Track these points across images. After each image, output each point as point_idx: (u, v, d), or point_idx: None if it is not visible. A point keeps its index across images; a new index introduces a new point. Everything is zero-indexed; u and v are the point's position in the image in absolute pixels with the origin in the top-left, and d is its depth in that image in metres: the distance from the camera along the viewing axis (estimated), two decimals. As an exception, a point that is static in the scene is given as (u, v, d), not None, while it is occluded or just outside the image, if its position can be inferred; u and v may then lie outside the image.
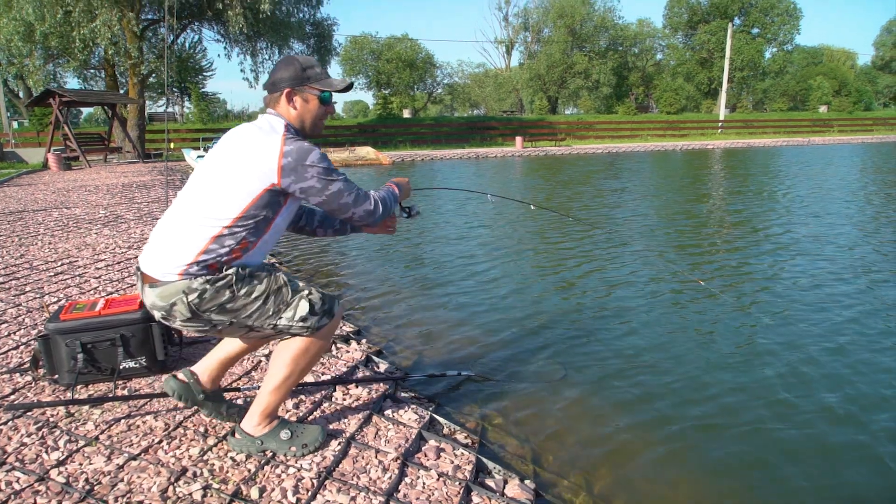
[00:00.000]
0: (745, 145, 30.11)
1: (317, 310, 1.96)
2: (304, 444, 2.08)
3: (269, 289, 1.93)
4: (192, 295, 1.84)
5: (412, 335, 3.82)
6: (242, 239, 1.88)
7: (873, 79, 56.80)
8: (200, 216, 1.85)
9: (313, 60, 2.01)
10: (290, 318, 1.94)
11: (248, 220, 1.86)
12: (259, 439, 2.07)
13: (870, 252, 5.85)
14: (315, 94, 1.98)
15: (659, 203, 10.15)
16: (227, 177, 1.85)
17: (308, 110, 1.99)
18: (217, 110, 40.85)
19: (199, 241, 1.84)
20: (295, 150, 1.84)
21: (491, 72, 50.91)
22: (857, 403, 2.82)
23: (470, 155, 24.88)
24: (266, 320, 1.93)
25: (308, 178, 1.85)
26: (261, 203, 1.85)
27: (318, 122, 2.03)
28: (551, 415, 2.75)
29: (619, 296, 4.61)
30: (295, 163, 1.83)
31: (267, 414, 2.07)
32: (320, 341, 2.02)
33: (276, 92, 1.97)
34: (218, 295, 1.86)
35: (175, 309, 1.86)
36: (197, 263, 1.84)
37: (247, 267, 1.92)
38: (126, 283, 4.39)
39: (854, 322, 3.88)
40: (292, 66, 1.96)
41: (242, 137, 1.90)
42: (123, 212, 8.23)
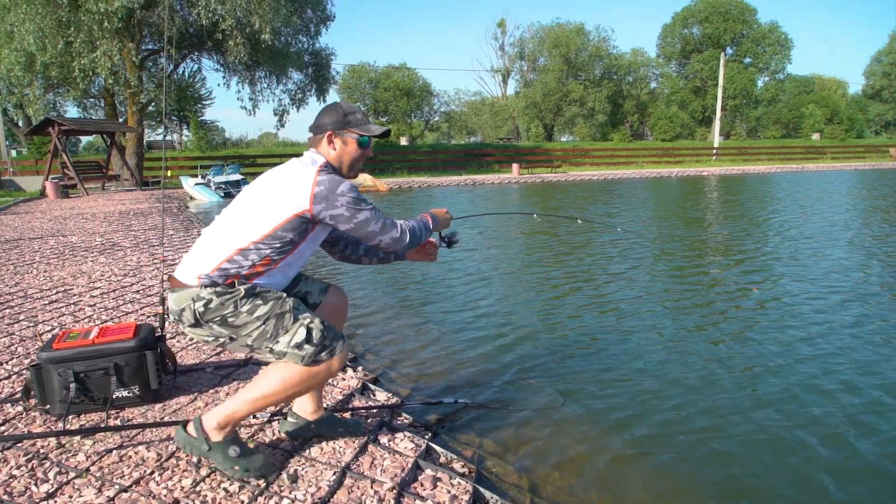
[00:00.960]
0: (740, 172, 30.38)
1: (314, 340, 1.97)
2: (247, 469, 2.04)
3: (273, 312, 1.99)
4: (198, 303, 1.95)
5: (409, 362, 3.79)
6: (265, 256, 2.00)
7: (864, 107, 57.63)
8: (233, 231, 2.00)
9: (355, 107, 2.18)
10: (287, 342, 1.97)
11: (275, 241, 1.99)
12: (208, 445, 2.03)
13: (869, 273, 5.87)
14: (354, 138, 2.14)
15: (662, 227, 10.19)
16: (264, 199, 2.01)
17: (346, 152, 2.16)
18: (215, 138, 41.21)
19: (226, 251, 1.98)
20: (327, 180, 1.99)
21: (487, 100, 51.52)
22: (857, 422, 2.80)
23: (466, 182, 25.04)
24: (264, 342, 1.99)
25: (338, 207, 1.98)
26: (289, 226, 1.98)
27: (355, 163, 2.19)
28: (549, 443, 2.72)
29: (618, 322, 4.59)
30: (327, 192, 1.97)
31: (230, 421, 2.05)
32: (315, 375, 2.02)
33: (320, 134, 2.14)
34: (222, 307, 1.96)
35: (184, 314, 1.98)
36: (218, 270, 1.97)
37: (259, 286, 2.01)
38: (121, 311, 4.37)
39: (854, 338, 3.87)
40: (336, 111, 2.15)
41: (285, 168, 2.08)
42: (120, 239, 8.23)
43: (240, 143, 42.98)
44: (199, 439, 2.04)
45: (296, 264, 2.14)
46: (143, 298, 4.74)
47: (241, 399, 2.05)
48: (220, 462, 2.04)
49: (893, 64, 57.42)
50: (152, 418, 2.58)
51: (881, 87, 59.06)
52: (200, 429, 2.04)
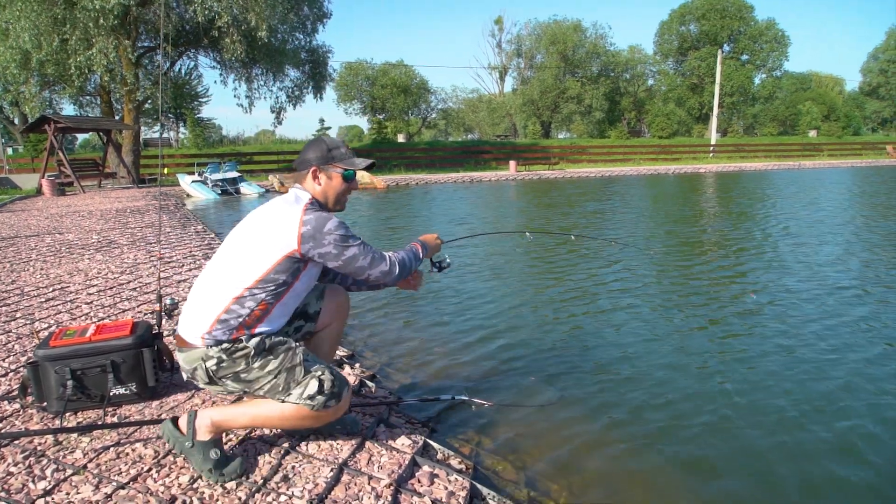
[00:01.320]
0: (737, 169, 30.42)
1: (325, 390, 2.01)
2: (223, 474, 2.04)
3: (283, 366, 2.02)
4: (209, 362, 2.01)
5: (406, 359, 3.79)
6: (262, 301, 2.02)
7: (861, 104, 57.76)
8: (225, 279, 2.02)
9: (339, 142, 2.21)
10: (299, 395, 2.01)
11: (269, 284, 2.01)
12: (192, 442, 2.04)
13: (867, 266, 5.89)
14: (339, 172, 2.16)
15: (659, 227, 10.21)
16: (251, 243, 2.03)
17: (332, 186, 2.17)
18: (212, 136, 41.11)
19: (222, 301, 2.00)
20: (314, 218, 2.02)
21: (485, 97, 51.45)
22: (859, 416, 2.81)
23: (464, 179, 25.03)
24: (276, 394, 2.03)
25: (325, 245, 2.01)
26: (281, 268, 2.01)
27: (341, 197, 2.21)
28: (546, 439, 2.73)
29: (615, 320, 4.60)
30: (313, 230, 2.00)
31: (223, 427, 2.08)
32: (320, 418, 2.08)
33: (304, 169, 2.15)
34: (234, 364, 2.01)
35: (196, 373, 2.05)
36: (219, 323, 1.99)
37: (267, 339, 2.04)
38: (118, 308, 4.36)
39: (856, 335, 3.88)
40: (319, 147, 2.16)
41: (270, 208, 2.10)
42: (117, 237, 8.21)
43: (237, 141, 42.87)
44: (185, 436, 2.05)
45: (292, 303, 2.16)
46: (139, 296, 4.74)
47: (241, 411, 2.07)
48: (198, 462, 2.04)
49: (891, 61, 57.54)
50: (149, 415, 2.58)
51: (878, 84, 59.19)
52: (192, 423, 2.05)
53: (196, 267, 5.99)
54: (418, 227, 11.02)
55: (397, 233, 10.19)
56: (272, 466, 2.14)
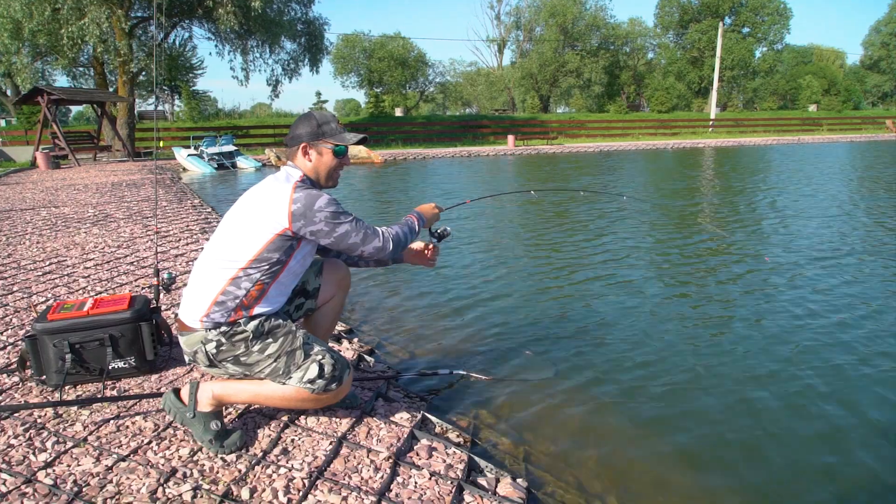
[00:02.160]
0: (736, 144, 30.27)
1: (326, 374, 2.01)
2: (223, 446, 2.06)
3: (283, 349, 2.02)
4: (209, 345, 2.01)
5: (404, 334, 3.81)
6: (258, 281, 2.01)
7: (862, 78, 57.27)
8: (220, 260, 2.02)
9: (329, 116, 2.16)
10: (300, 378, 2.01)
11: (262, 263, 2.00)
12: (193, 413, 2.06)
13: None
14: (329, 148, 2.13)
15: (664, 202, 10.19)
16: (244, 223, 2.02)
17: (323, 163, 2.14)
18: (208, 108, 40.60)
19: (218, 283, 2.00)
20: (304, 196, 1.99)
21: (483, 70, 50.92)
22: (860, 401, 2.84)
23: (462, 153, 24.88)
24: (277, 377, 2.02)
25: (316, 222, 1.99)
26: (273, 247, 1.99)
27: (333, 173, 2.18)
28: (543, 413, 2.75)
29: (612, 295, 4.61)
30: (304, 208, 1.97)
31: (224, 400, 2.10)
32: (320, 401, 2.08)
33: (294, 146, 2.12)
34: (234, 347, 2.01)
35: (197, 356, 2.05)
36: (216, 305, 1.99)
37: (266, 322, 2.04)
38: (115, 282, 4.35)
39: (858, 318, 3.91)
40: (309, 122, 2.12)
41: (261, 187, 2.09)
42: (113, 211, 8.17)
43: (233, 114, 42.37)
44: (187, 406, 2.07)
45: (290, 283, 2.15)
46: (137, 270, 4.72)
47: (243, 388, 2.08)
48: (199, 433, 2.06)
49: (892, 34, 56.88)
50: (149, 389, 2.59)
51: (879, 57, 58.59)
52: (194, 394, 2.07)
53: (193, 241, 5.98)
54: (415, 201, 10.96)
55: (394, 206, 10.15)
56: (272, 439, 2.16)
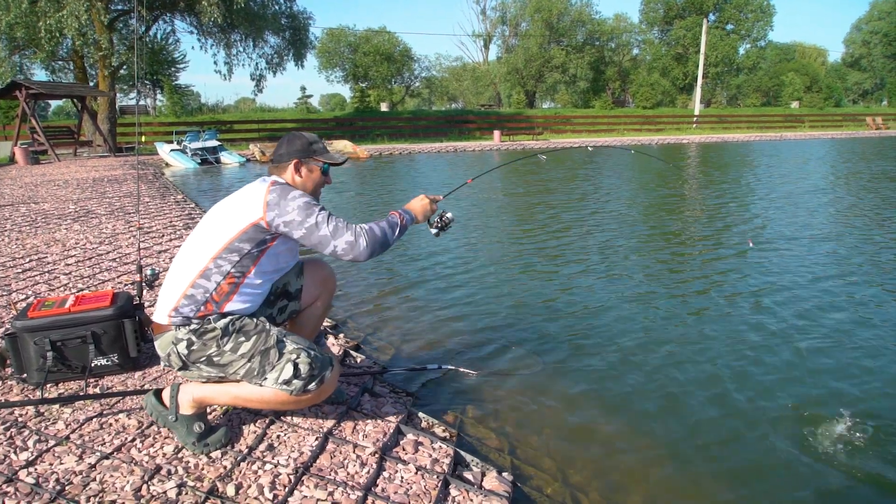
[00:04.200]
0: (720, 140, 30.54)
1: (302, 374, 1.95)
2: (207, 444, 2.05)
3: (256, 349, 1.97)
4: (180, 345, 1.97)
5: (390, 330, 3.81)
6: (228, 274, 1.98)
7: (843, 76, 57.98)
8: (192, 253, 2.01)
9: (316, 137, 2.24)
10: (275, 379, 1.96)
11: (233, 253, 1.98)
12: (176, 416, 2.05)
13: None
14: (319, 166, 2.20)
15: (643, 201, 10.25)
16: (220, 217, 2.04)
17: (311, 179, 2.20)
18: (191, 103, 40.17)
19: (188, 276, 1.98)
20: (280, 189, 2.03)
21: (469, 65, 50.76)
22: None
23: (448, 149, 24.86)
24: (252, 378, 1.98)
25: (289, 211, 1.98)
26: (245, 237, 1.98)
27: (318, 189, 2.24)
28: (528, 407, 2.77)
29: (597, 289, 4.65)
30: (278, 198, 1.99)
31: (205, 402, 2.08)
32: (301, 402, 2.03)
33: (286, 161, 2.16)
34: (205, 347, 1.97)
35: (171, 359, 2.01)
36: (186, 298, 1.96)
37: (238, 321, 2.00)
38: (97, 279, 4.30)
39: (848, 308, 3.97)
40: (300, 140, 2.19)
41: (242, 188, 2.11)
42: (94, 207, 8.06)
43: (216, 109, 41.98)
44: (169, 410, 2.05)
45: (262, 284, 2.10)
46: (119, 266, 4.67)
47: (223, 389, 2.05)
48: (183, 435, 2.04)
49: (873, 32, 57.61)
50: (132, 386, 2.57)
51: (860, 55, 59.38)
52: (175, 397, 2.05)
53: (176, 237, 5.92)
54: (404, 194, 10.93)
55: (383, 198, 10.11)
56: (257, 436, 2.15)
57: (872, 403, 2.79)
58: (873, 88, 60.08)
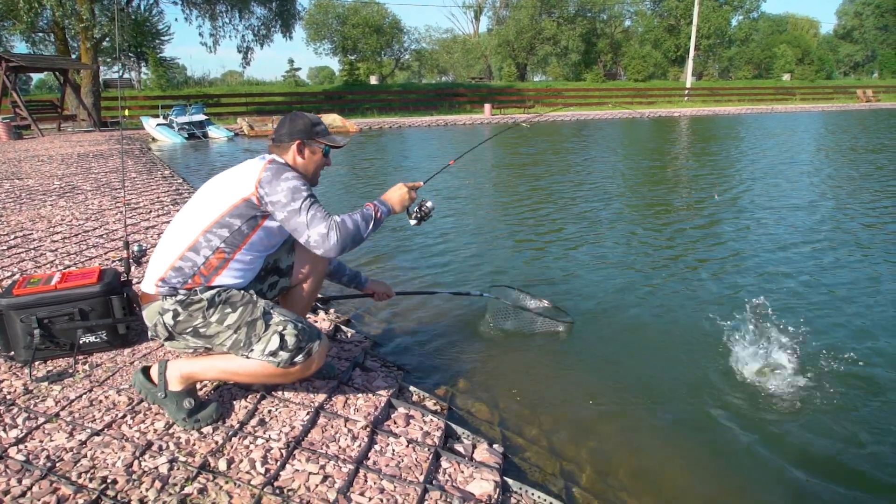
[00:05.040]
0: (711, 113, 30.45)
1: (289, 346, 1.95)
2: (197, 420, 2.04)
3: (243, 320, 1.97)
4: (166, 316, 1.97)
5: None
6: (217, 249, 1.97)
7: (835, 47, 57.82)
8: (184, 226, 2.01)
9: (318, 118, 2.24)
10: (261, 351, 1.96)
11: (223, 228, 1.98)
12: (165, 393, 2.03)
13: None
14: (321, 147, 2.20)
15: (645, 169, 10.24)
16: (213, 192, 2.03)
17: (313, 161, 2.20)
18: (176, 76, 39.46)
19: (178, 247, 1.98)
20: (276, 168, 2.01)
21: (459, 38, 50.13)
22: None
23: (438, 122, 24.65)
24: (238, 350, 1.98)
25: (278, 192, 1.96)
26: (236, 212, 1.97)
27: (318, 171, 2.25)
28: (519, 380, 2.79)
29: (582, 257, 4.65)
30: (272, 176, 1.97)
31: (193, 378, 2.06)
32: (289, 375, 2.02)
33: (288, 142, 2.15)
34: (191, 318, 1.97)
35: (157, 329, 2.01)
36: (174, 270, 1.96)
37: (224, 291, 2.00)
38: (84, 255, 4.26)
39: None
40: (303, 120, 2.18)
41: (241, 163, 2.10)
42: (80, 182, 7.95)
43: (202, 82, 41.21)
44: (157, 386, 2.04)
45: (253, 262, 2.09)
46: (106, 243, 4.62)
47: (211, 363, 2.04)
48: (173, 412, 2.04)
49: (866, 3, 57.29)
50: (121, 363, 2.55)
51: (852, 27, 59.13)
52: (163, 374, 2.04)
53: (164, 213, 5.86)
54: (394, 169, 10.86)
55: (372, 173, 10.04)
56: (248, 411, 2.15)
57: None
58: (864, 60, 59.96)
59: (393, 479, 1.81)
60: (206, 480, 1.77)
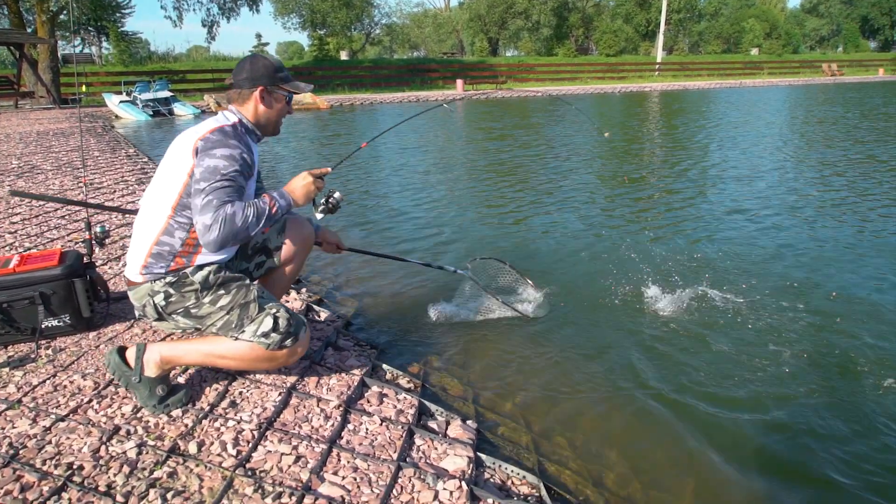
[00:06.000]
0: (681, 87, 30.67)
1: (281, 329, 1.94)
2: (167, 405, 2.00)
3: (236, 302, 1.95)
4: (157, 297, 1.94)
5: (353, 282, 3.78)
6: (191, 228, 1.91)
7: (801, 22, 58.50)
8: (151, 209, 1.93)
9: (280, 61, 2.09)
10: (253, 332, 1.94)
11: (185, 209, 1.89)
12: (139, 377, 1.98)
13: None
14: (284, 94, 2.07)
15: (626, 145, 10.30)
16: (167, 167, 1.92)
17: (276, 110, 2.07)
18: (139, 51, 38.20)
19: (152, 233, 1.92)
20: (216, 138, 1.88)
21: (430, 12, 49.44)
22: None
23: (410, 98, 24.37)
24: (229, 331, 1.95)
25: (201, 166, 1.82)
26: (188, 192, 1.87)
27: (280, 120, 2.12)
28: (492, 356, 2.80)
29: (561, 238, 4.68)
30: (206, 146, 1.85)
31: (174, 362, 2.02)
32: (275, 359, 2.00)
33: (248, 88, 2.00)
34: (183, 299, 1.94)
35: (146, 310, 1.98)
36: (153, 257, 1.92)
37: (216, 274, 1.97)
38: (45, 237, 4.13)
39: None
40: (265, 65, 2.02)
41: (191, 127, 1.99)
42: (39, 162, 7.68)
43: (167, 58, 39.93)
44: (133, 370, 1.99)
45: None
46: (69, 224, 4.49)
47: (194, 347, 2.01)
48: (144, 397, 1.99)
49: (832, -23, 57.99)
50: (87, 347, 2.49)
51: (818, 1, 59.81)
52: (141, 357, 1.99)
53: (129, 193, 5.71)
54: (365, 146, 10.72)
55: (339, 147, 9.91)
56: (219, 393, 2.13)
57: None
58: (830, 35, 60.85)
59: (366, 458, 1.81)
60: (175, 464, 1.75)
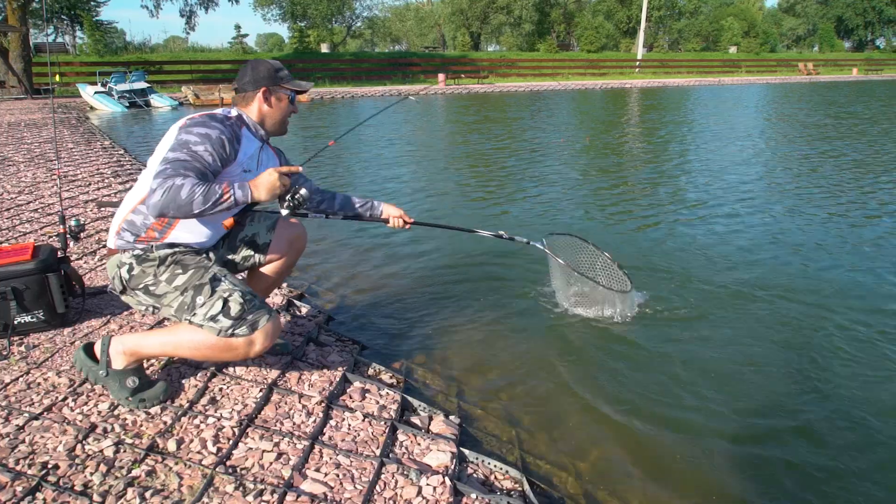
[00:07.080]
0: (661, 84, 30.93)
1: (231, 314, 1.85)
2: (143, 399, 1.96)
3: (191, 283, 1.91)
4: (123, 269, 1.94)
5: (335, 277, 3.75)
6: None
7: (779, 21, 59.30)
8: (140, 181, 1.96)
9: (280, 63, 2.13)
10: (203, 315, 1.87)
11: None
12: (107, 371, 1.96)
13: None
14: (286, 94, 2.11)
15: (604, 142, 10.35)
16: (163, 142, 1.93)
17: (280, 108, 2.11)
18: (115, 41, 37.42)
19: (131, 202, 1.94)
20: (200, 119, 1.91)
21: (412, 5, 49.22)
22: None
23: (392, 92, 24.25)
24: (182, 313, 1.91)
25: (178, 138, 1.85)
26: None
27: (285, 119, 2.15)
28: (475, 351, 2.80)
29: (536, 230, 4.68)
30: (189, 124, 1.89)
31: (138, 355, 1.98)
32: (232, 349, 1.89)
33: (252, 90, 2.05)
34: (143, 275, 1.93)
35: (114, 282, 1.98)
36: (126, 223, 1.93)
37: (178, 253, 1.95)
38: (18, 231, 4.03)
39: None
40: (265, 67, 2.07)
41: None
42: (11, 153, 7.50)
43: (143, 48, 39.21)
44: (99, 364, 1.96)
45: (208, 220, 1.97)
46: (42, 217, 4.39)
47: (154, 338, 1.98)
48: (115, 391, 1.96)
49: (808, -23, 58.77)
50: (61, 343, 2.44)
51: (795, 0, 60.65)
52: (106, 350, 1.97)
53: (105, 185, 5.60)
54: (348, 141, 10.65)
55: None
56: (198, 389, 2.09)
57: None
58: (806, 34, 61.75)
59: (349, 454, 1.80)
60: (154, 462, 1.72)
